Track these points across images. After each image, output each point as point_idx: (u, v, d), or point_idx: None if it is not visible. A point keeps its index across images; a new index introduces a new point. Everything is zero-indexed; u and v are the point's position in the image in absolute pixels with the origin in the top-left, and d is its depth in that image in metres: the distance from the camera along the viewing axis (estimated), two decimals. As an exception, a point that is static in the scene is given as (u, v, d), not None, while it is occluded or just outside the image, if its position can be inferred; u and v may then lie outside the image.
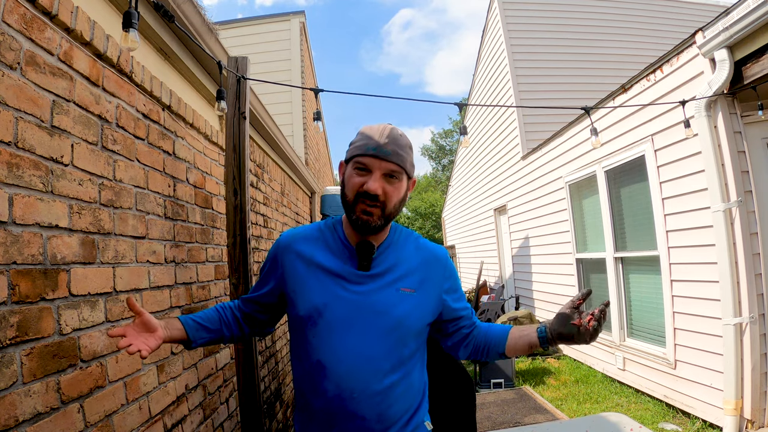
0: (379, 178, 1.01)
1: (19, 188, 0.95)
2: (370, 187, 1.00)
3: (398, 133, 1.06)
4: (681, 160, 3.28)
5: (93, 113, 1.22)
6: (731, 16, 2.67)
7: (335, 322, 1.03)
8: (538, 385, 4.43)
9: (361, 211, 1.02)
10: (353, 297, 1.04)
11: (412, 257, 1.12)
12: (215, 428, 1.95)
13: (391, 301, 1.05)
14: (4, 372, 0.87)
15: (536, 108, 5.39)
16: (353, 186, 1.03)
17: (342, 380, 1.01)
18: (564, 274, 5.43)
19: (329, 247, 1.11)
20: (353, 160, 1.05)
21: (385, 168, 1.02)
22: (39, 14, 1.03)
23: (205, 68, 2.02)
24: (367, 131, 1.06)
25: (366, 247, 1.07)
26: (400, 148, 1.04)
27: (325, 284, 1.06)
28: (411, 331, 1.07)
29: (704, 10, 7.76)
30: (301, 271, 1.09)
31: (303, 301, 1.06)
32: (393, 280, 1.07)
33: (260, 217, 3.01)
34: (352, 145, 1.08)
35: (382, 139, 1.02)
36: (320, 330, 1.04)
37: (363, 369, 1.01)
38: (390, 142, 1.03)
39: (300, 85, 6.25)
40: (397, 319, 1.04)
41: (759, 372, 2.74)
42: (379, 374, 1.02)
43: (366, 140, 1.04)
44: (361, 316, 1.03)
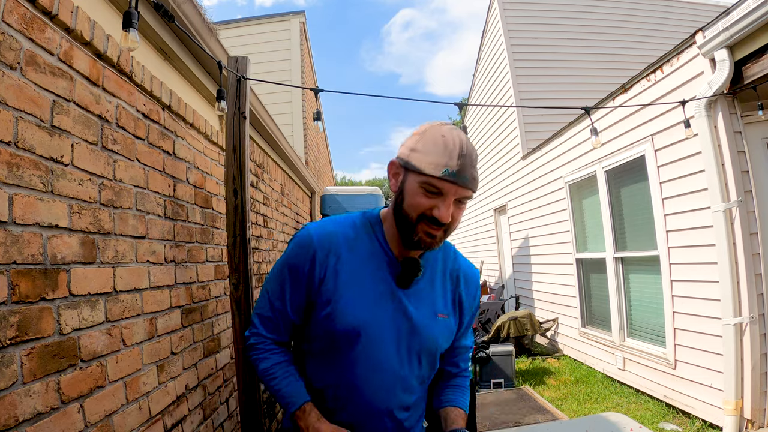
0: (451, 204, 0.91)
1: (19, 188, 0.95)
2: (441, 216, 0.90)
3: (472, 147, 0.93)
4: (681, 160, 3.28)
5: (93, 113, 1.22)
6: (731, 16, 2.67)
7: (374, 343, 0.96)
8: (538, 385, 4.43)
9: (424, 233, 0.93)
10: (392, 317, 0.98)
11: (448, 277, 1.06)
12: (215, 428, 1.95)
13: (429, 325, 1.01)
14: (4, 372, 0.87)
15: (536, 108, 5.39)
16: (418, 206, 0.91)
17: (372, 401, 0.98)
18: (564, 274, 5.43)
19: (368, 253, 1.00)
20: (423, 178, 0.90)
21: (460, 194, 0.91)
22: (39, 14, 1.03)
23: (205, 68, 2.02)
24: (443, 144, 0.90)
25: (412, 267, 0.98)
26: (475, 171, 0.93)
27: (365, 300, 0.97)
28: (440, 353, 1.06)
29: (704, 10, 7.76)
30: (338, 283, 0.97)
31: (342, 318, 0.96)
32: (431, 302, 1.02)
33: (260, 217, 3.01)
34: (417, 153, 0.91)
35: (462, 160, 0.89)
36: (357, 349, 0.96)
37: (392, 390, 0.99)
38: (468, 164, 0.90)
39: (300, 85, 6.25)
40: (433, 343, 1.02)
41: (759, 372, 2.74)
42: (408, 393, 1.01)
43: (444, 159, 0.89)
44: (399, 339, 0.98)
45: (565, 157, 5.20)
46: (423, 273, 1.01)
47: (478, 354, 4.53)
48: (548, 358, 5.45)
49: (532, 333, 5.48)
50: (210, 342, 1.97)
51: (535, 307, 6.47)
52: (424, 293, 1.02)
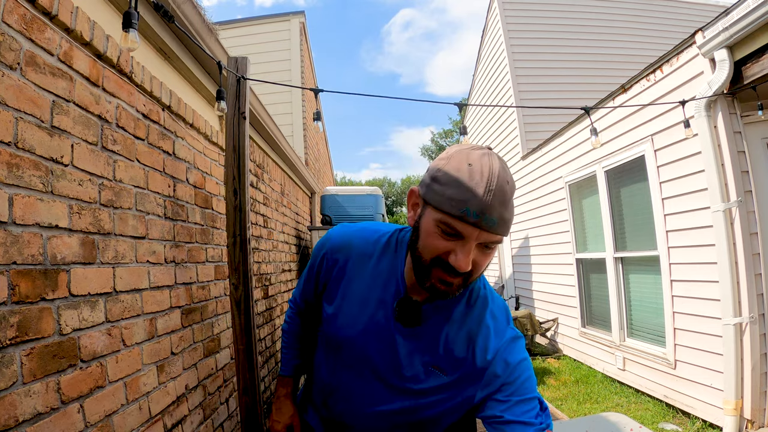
0: (473, 249, 0.74)
1: (19, 188, 0.95)
2: (459, 265, 0.73)
3: (505, 180, 0.73)
4: (681, 160, 3.28)
5: (93, 113, 1.22)
6: (731, 16, 2.67)
7: (355, 362, 0.93)
8: (538, 385, 4.42)
9: (438, 280, 0.78)
10: (379, 348, 0.89)
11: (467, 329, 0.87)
12: (215, 428, 1.95)
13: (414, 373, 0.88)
14: (4, 372, 0.87)
15: (536, 108, 5.39)
16: (433, 249, 0.76)
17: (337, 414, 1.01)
18: (564, 274, 5.43)
19: (379, 275, 0.91)
20: (441, 216, 0.74)
21: (484, 239, 0.74)
22: (39, 14, 1.03)
23: (205, 68, 2.02)
24: (467, 175, 0.72)
25: (408, 311, 0.86)
26: (508, 209, 0.74)
27: (358, 323, 0.91)
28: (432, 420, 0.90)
29: (704, 10, 7.76)
30: (340, 292, 0.95)
31: (333, 326, 0.95)
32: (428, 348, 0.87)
33: (260, 217, 3.01)
34: (437, 184, 0.75)
35: (490, 199, 0.71)
36: (340, 359, 0.96)
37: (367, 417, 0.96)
38: (497, 204, 0.72)
39: (300, 85, 6.25)
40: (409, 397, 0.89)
41: (759, 372, 2.74)
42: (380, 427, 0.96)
43: (466, 194, 0.71)
44: (378, 371, 0.91)
45: (564, 157, 5.20)
46: (431, 312, 0.87)
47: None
48: (548, 358, 5.45)
49: (532, 333, 5.48)
50: (210, 342, 1.98)
51: (535, 307, 6.47)
52: (426, 337, 0.87)
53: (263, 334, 2.89)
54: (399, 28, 75.27)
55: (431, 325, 0.88)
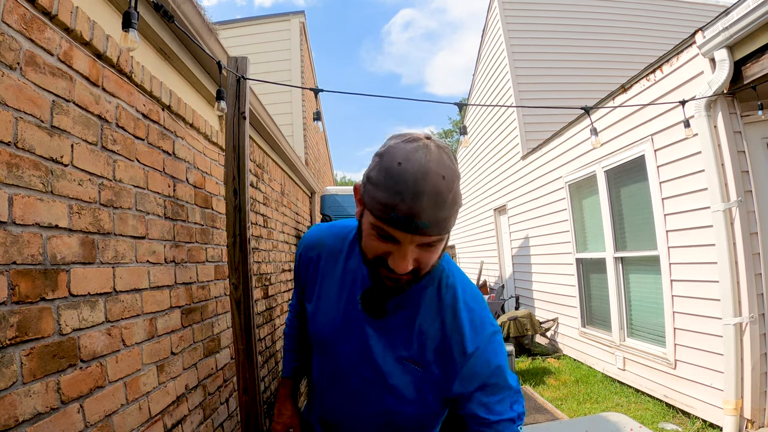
0: (410, 252, 0.72)
1: (19, 188, 0.95)
2: (396, 267, 0.72)
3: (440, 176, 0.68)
4: (681, 160, 3.28)
5: (93, 113, 1.22)
6: (731, 16, 2.67)
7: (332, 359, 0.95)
8: (538, 385, 4.43)
9: (385, 277, 0.77)
10: (353, 344, 0.89)
11: (440, 321, 0.84)
12: (215, 428, 1.95)
13: (387, 368, 0.86)
14: (4, 372, 0.87)
15: (536, 108, 5.39)
16: (372, 250, 0.75)
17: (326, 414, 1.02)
18: (564, 274, 5.43)
19: (349, 270, 0.91)
20: (373, 220, 0.72)
21: (419, 241, 0.71)
22: (39, 14, 1.03)
23: (205, 68, 2.02)
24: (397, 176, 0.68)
25: (375, 299, 0.85)
26: (443, 209, 0.69)
27: (333, 320, 0.92)
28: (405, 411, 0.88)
29: (704, 10, 7.76)
30: (315, 290, 0.97)
31: (311, 322, 0.98)
32: (400, 340, 0.86)
33: (260, 217, 3.01)
34: (370, 185, 0.72)
35: (417, 203, 0.66)
36: (320, 355, 0.99)
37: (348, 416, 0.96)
38: (428, 206, 0.67)
39: (300, 85, 6.25)
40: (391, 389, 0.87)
41: (759, 372, 2.74)
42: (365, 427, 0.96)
43: (392, 198, 0.68)
44: (355, 369, 0.90)
45: (564, 157, 5.20)
46: (400, 302, 0.86)
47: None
48: (548, 358, 5.45)
49: (532, 333, 5.48)
50: (210, 342, 1.98)
51: (535, 307, 6.47)
52: (396, 329, 0.86)
53: (263, 334, 2.89)
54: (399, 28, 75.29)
55: (402, 318, 0.86)
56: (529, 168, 6.40)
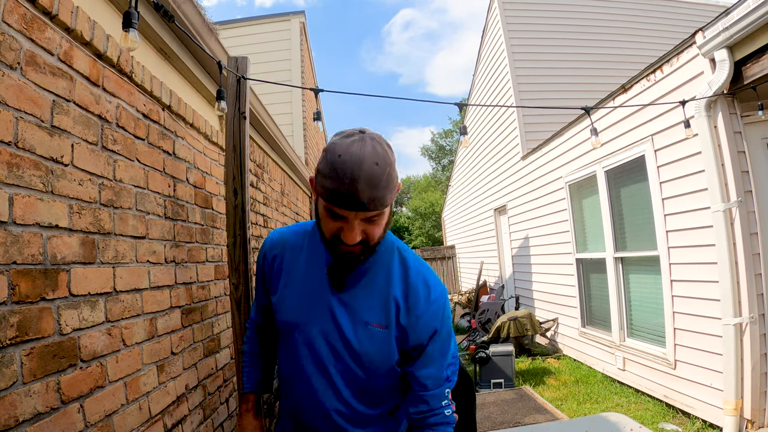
0: (357, 225, 0.88)
1: (19, 188, 0.95)
2: (347, 239, 0.88)
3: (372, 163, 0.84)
4: (681, 160, 3.28)
5: (93, 113, 1.22)
6: (731, 16, 2.67)
7: (303, 341, 1.01)
8: (538, 385, 4.43)
9: (342, 251, 0.93)
10: (323, 320, 0.99)
11: (394, 286, 0.99)
12: (215, 428, 1.95)
13: (357, 335, 0.97)
14: (5, 372, 0.87)
15: (536, 108, 5.39)
16: (327, 228, 0.92)
17: (305, 397, 1.03)
18: (564, 274, 5.43)
19: (312, 256, 1.03)
20: (324, 203, 0.89)
21: (362, 216, 0.87)
22: (39, 14, 1.03)
23: (205, 68, 2.02)
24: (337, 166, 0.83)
25: (338, 270, 0.98)
26: (378, 189, 0.84)
27: (300, 300, 1.02)
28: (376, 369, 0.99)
29: (704, 10, 7.76)
30: (281, 281, 1.06)
31: (280, 312, 1.05)
32: (364, 309, 0.98)
33: (260, 217, 3.01)
34: (321, 176, 0.87)
35: (353, 185, 0.82)
36: (292, 343, 1.03)
37: (323, 392, 1.00)
38: (365, 188, 0.83)
39: (300, 85, 6.25)
40: (360, 355, 0.98)
41: (759, 372, 2.74)
42: (338, 400, 1.01)
43: (335, 183, 0.83)
44: (326, 342, 0.99)
45: (565, 157, 5.20)
46: (362, 274, 0.99)
47: (478, 354, 4.53)
48: (548, 358, 5.45)
49: (532, 333, 5.48)
50: (210, 342, 1.98)
51: (535, 307, 6.47)
52: (358, 300, 0.98)
53: (263, 334, 2.89)
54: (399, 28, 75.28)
55: (363, 289, 0.99)
56: (529, 168, 6.40)
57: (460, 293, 10.13)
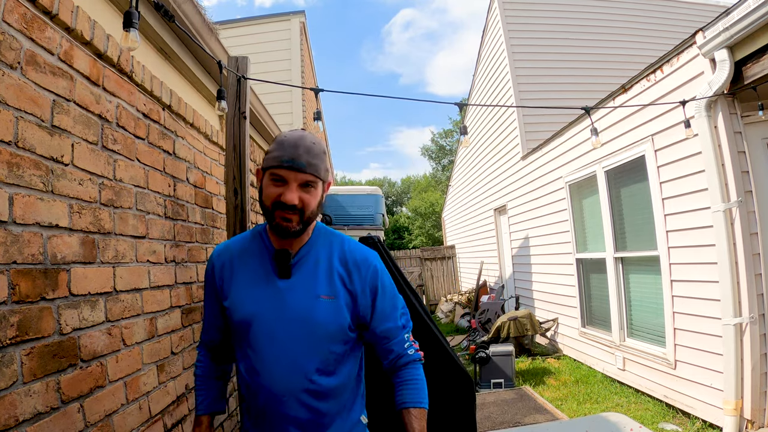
0: (296, 189, 1.05)
1: (20, 188, 0.95)
2: (287, 199, 1.04)
3: (311, 141, 1.09)
4: (681, 160, 3.28)
5: (93, 113, 1.22)
6: (731, 17, 2.67)
7: (262, 331, 1.08)
8: (538, 385, 4.43)
9: (280, 218, 1.06)
10: (277, 305, 1.08)
11: (334, 261, 1.14)
12: (215, 428, 1.95)
13: (310, 308, 1.08)
14: (5, 372, 0.87)
15: (536, 108, 5.39)
16: (270, 196, 1.06)
17: (272, 384, 1.06)
18: (564, 274, 5.43)
19: (255, 257, 1.14)
20: (269, 171, 1.07)
21: (300, 179, 1.05)
22: (39, 14, 1.03)
23: (206, 68, 2.02)
24: (282, 142, 1.08)
25: (282, 256, 1.10)
26: (314, 158, 1.07)
27: (252, 294, 1.10)
28: (333, 337, 1.10)
29: (704, 10, 7.76)
30: (233, 283, 1.13)
31: (236, 311, 1.10)
32: (312, 286, 1.11)
33: (260, 216, 3.01)
34: (267, 155, 1.09)
35: (294, 150, 1.05)
36: (252, 337, 1.08)
37: (288, 373, 1.06)
38: (303, 153, 1.05)
39: (300, 85, 6.24)
40: (316, 326, 1.08)
41: (759, 372, 2.74)
42: (303, 377, 1.07)
43: (280, 151, 1.06)
44: (284, 324, 1.07)
45: (565, 157, 5.20)
46: (304, 260, 1.12)
47: (478, 354, 4.53)
48: (548, 358, 5.45)
49: (532, 333, 5.48)
50: (210, 342, 1.97)
51: (535, 307, 6.47)
52: (305, 279, 1.11)
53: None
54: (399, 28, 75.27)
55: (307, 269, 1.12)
56: (530, 168, 6.40)
57: (460, 293, 10.13)
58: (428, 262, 11.30)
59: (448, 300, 9.71)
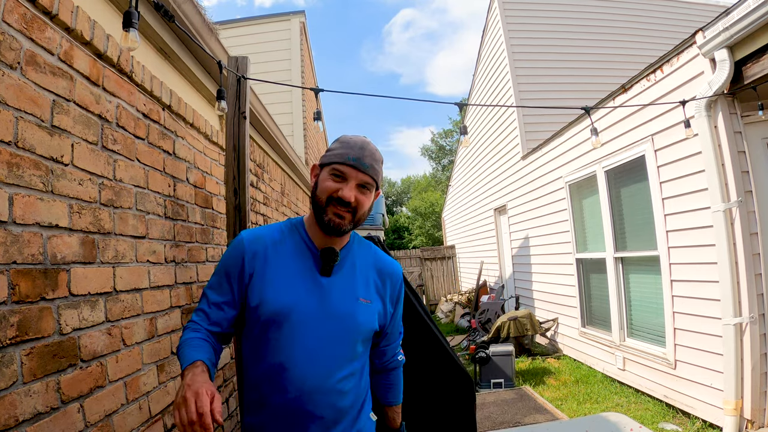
0: (354, 187, 1.09)
1: (20, 188, 0.95)
2: (345, 195, 1.07)
3: (375, 148, 1.15)
4: (681, 160, 3.28)
5: (93, 113, 1.22)
6: (731, 16, 2.67)
7: (299, 324, 1.06)
8: (538, 385, 4.43)
9: (333, 214, 1.08)
10: (316, 300, 1.09)
11: (369, 268, 1.20)
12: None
13: (350, 308, 1.12)
14: (5, 372, 0.87)
15: (536, 108, 5.39)
16: (327, 189, 1.09)
17: (303, 380, 1.05)
18: (564, 274, 5.43)
19: (294, 249, 1.14)
20: (330, 166, 1.10)
21: (360, 179, 1.09)
22: (39, 14, 1.03)
23: (206, 68, 2.02)
24: (348, 141, 1.12)
25: (330, 253, 1.12)
26: (376, 163, 1.12)
27: (291, 287, 1.09)
28: (364, 337, 1.16)
29: (704, 10, 7.76)
30: (266, 275, 1.10)
31: (269, 303, 1.07)
32: (352, 288, 1.14)
33: (260, 217, 3.01)
34: (329, 152, 1.13)
35: (361, 152, 1.10)
36: (284, 332, 1.06)
37: (321, 369, 1.07)
38: (368, 155, 1.10)
39: (300, 85, 6.24)
40: (354, 326, 1.12)
41: (759, 372, 2.74)
42: (334, 374, 1.08)
43: (346, 150, 1.10)
44: (324, 321, 1.08)
45: (565, 157, 5.20)
46: (343, 262, 1.15)
47: (478, 354, 4.53)
48: (548, 358, 5.45)
49: (532, 333, 5.48)
50: (210, 342, 1.97)
51: (535, 307, 6.47)
52: (346, 280, 1.14)
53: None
54: (400, 28, 75.27)
55: (347, 270, 1.15)
56: (529, 168, 6.40)
57: (460, 293, 10.13)
58: (428, 262, 11.30)
59: (448, 300, 9.71)
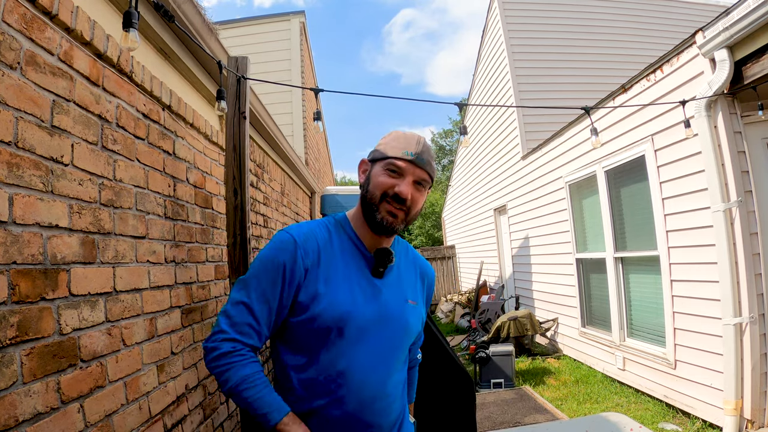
0: (411, 183, 1.03)
1: (19, 188, 0.95)
2: (402, 191, 1.01)
3: (430, 146, 1.10)
4: (681, 160, 3.28)
5: (93, 113, 1.22)
6: (731, 16, 2.67)
7: (360, 331, 1.00)
8: (538, 385, 4.43)
9: (387, 212, 1.02)
10: (374, 305, 1.04)
11: (411, 269, 1.18)
12: (215, 428, 1.95)
13: (402, 311, 1.09)
14: (4, 372, 0.87)
15: (536, 108, 5.39)
16: (381, 185, 1.03)
17: (362, 388, 0.98)
18: (564, 274, 5.43)
19: (343, 248, 1.06)
20: (386, 161, 1.04)
21: (418, 175, 1.04)
22: (39, 14, 1.03)
23: (205, 68, 2.02)
24: (403, 136, 1.07)
25: (386, 255, 1.07)
26: (432, 159, 1.08)
27: (349, 291, 1.01)
28: (413, 340, 1.15)
29: (704, 10, 7.76)
30: (319, 276, 1.00)
31: (328, 310, 0.97)
32: (401, 289, 1.11)
33: (260, 217, 3.01)
34: (383, 146, 1.07)
35: (419, 146, 1.04)
36: (345, 339, 0.98)
37: (379, 376, 1.02)
38: (425, 152, 1.05)
39: (300, 85, 6.24)
40: (407, 328, 1.09)
41: (759, 372, 2.74)
42: (389, 380, 1.05)
43: (404, 145, 1.04)
44: (380, 325, 1.03)
45: (565, 157, 5.20)
46: (391, 268, 1.10)
47: (478, 354, 4.53)
48: (548, 358, 5.45)
49: (532, 333, 5.48)
50: (210, 342, 1.97)
51: (535, 307, 6.47)
52: (396, 282, 1.11)
53: (263, 334, 2.89)
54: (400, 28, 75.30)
55: (395, 271, 1.13)
56: (529, 168, 6.40)
57: (460, 293, 10.13)
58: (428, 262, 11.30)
59: (448, 300, 9.70)
